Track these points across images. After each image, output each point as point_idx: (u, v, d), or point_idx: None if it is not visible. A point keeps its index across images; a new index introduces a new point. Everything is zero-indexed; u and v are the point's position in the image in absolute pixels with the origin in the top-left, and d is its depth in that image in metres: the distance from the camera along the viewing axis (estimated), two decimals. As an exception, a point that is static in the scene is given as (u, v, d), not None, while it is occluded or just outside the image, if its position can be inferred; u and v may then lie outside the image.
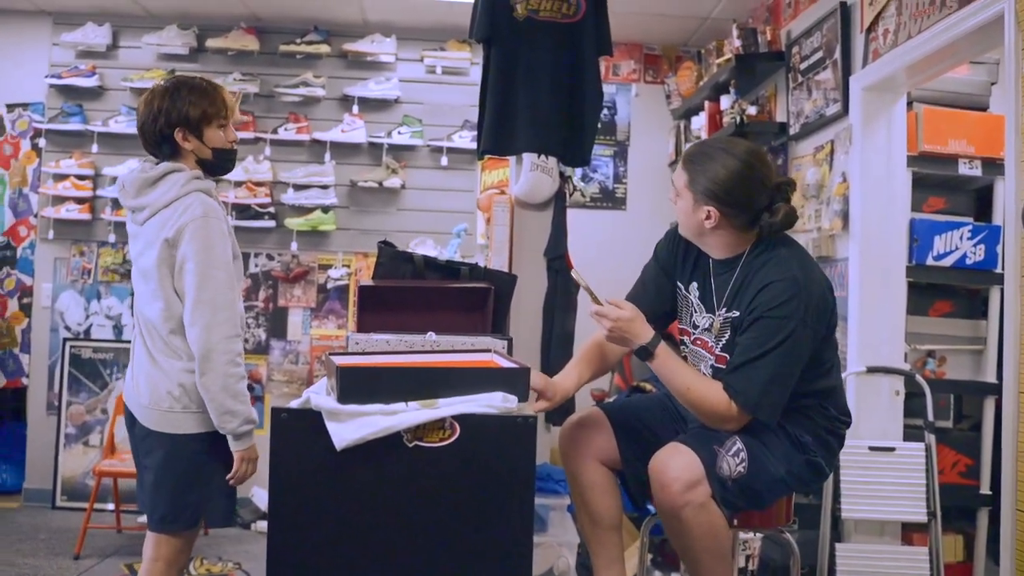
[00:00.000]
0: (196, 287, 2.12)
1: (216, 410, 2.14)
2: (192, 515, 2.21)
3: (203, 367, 2.12)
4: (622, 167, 5.03)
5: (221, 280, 2.15)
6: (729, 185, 2.03)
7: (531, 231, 3.21)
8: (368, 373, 1.79)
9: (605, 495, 2.30)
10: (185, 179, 2.20)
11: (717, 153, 2.09)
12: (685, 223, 2.16)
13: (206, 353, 2.11)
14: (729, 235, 2.10)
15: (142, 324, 2.25)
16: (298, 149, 4.84)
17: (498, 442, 1.72)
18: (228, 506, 2.29)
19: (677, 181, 2.14)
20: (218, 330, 2.12)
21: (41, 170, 4.81)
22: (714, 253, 2.16)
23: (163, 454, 2.19)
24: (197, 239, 2.13)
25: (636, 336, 2.07)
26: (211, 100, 2.26)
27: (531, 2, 3.12)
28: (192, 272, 2.12)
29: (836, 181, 3.46)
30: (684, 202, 2.11)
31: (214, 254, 2.15)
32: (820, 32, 3.59)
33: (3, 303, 4.85)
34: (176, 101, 2.22)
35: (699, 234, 2.14)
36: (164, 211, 2.17)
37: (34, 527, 4.31)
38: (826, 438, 2.14)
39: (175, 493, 2.19)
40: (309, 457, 1.70)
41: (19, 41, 4.88)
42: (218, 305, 2.13)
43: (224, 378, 2.13)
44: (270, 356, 4.85)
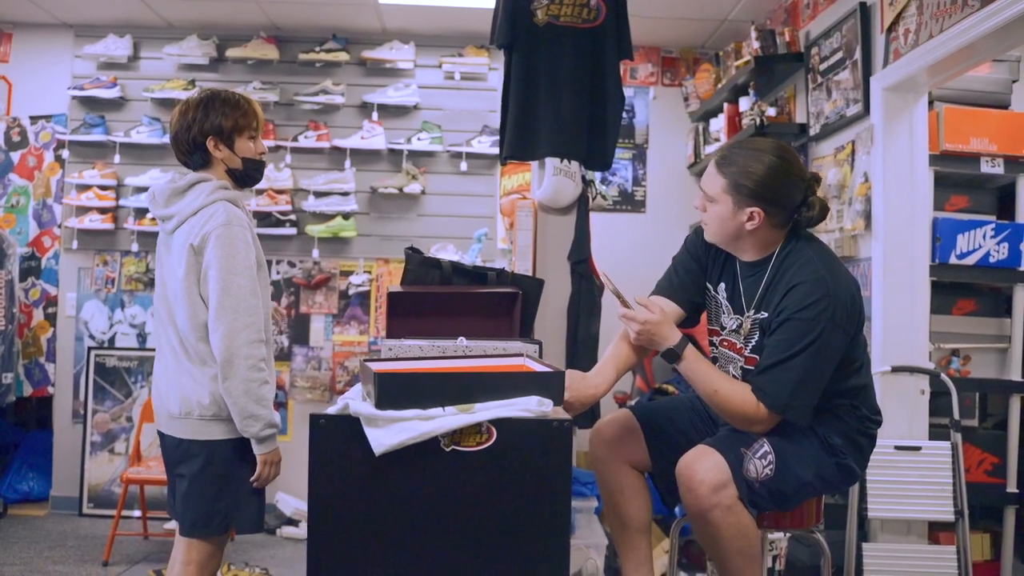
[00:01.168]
0: (219, 293, 2.16)
1: (239, 414, 2.17)
2: (223, 520, 2.25)
3: (225, 372, 2.15)
4: (641, 170, 5.03)
5: (243, 286, 2.18)
6: (772, 183, 2.03)
7: (555, 235, 3.22)
8: (405, 379, 1.80)
9: (635, 498, 2.31)
10: (212, 188, 2.25)
11: (751, 152, 2.08)
12: (720, 229, 2.12)
13: (228, 358, 2.15)
14: (766, 234, 2.10)
15: (170, 333, 2.28)
16: (318, 156, 4.87)
17: (534, 446, 1.73)
18: (258, 512, 2.32)
19: (711, 187, 2.10)
20: (240, 335, 2.16)
21: (64, 181, 4.85)
22: (746, 255, 2.15)
23: (197, 461, 2.23)
24: (220, 246, 2.17)
25: (664, 339, 2.09)
26: (243, 112, 2.32)
27: (551, 8, 3.14)
28: (215, 279, 2.16)
29: (858, 181, 3.46)
30: (721, 207, 2.08)
31: (236, 261, 2.18)
32: (839, 33, 3.59)
33: (29, 313, 4.90)
34: (210, 112, 2.27)
35: (736, 238, 2.12)
36: (191, 219, 2.22)
37: (62, 534, 4.35)
38: (857, 439, 2.14)
39: (207, 499, 2.22)
40: (348, 462, 1.72)
41: (42, 54, 4.94)
42: (240, 311, 2.17)
43: (246, 383, 2.16)
44: (293, 362, 4.88)
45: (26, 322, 4.88)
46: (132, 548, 4.11)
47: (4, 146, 4.93)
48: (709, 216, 2.13)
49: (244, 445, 2.23)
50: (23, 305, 4.85)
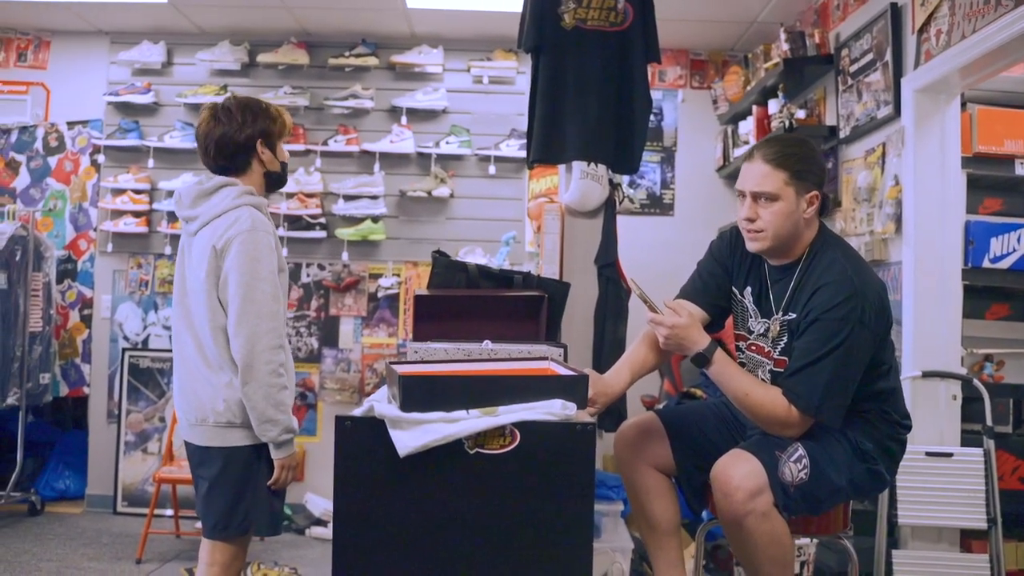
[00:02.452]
0: (241, 298, 2.18)
1: (257, 418, 2.20)
2: (242, 523, 2.27)
3: (246, 376, 2.18)
4: (669, 173, 5.02)
5: (266, 292, 2.21)
6: (819, 163, 2.16)
7: (582, 239, 3.23)
8: (430, 382, 1.81)
9: (663, 500, 2.31)
10: (238, 192, 2.28)
11: (790, 144, 2.15)
12: (782, 226, 2.07)
13: (249, 363, 2.17)
14: (813, 223, 2.14)
15: (187, 337, 2.30)
16: (348, 160, 4.92)
17: (558, 449, 1.73)
18: (276, 515, 2.35)
19: (771, 184, 2.06)
20: (262, 340, 2.18)
21: (100, 185, 4.95)
22: (790, 254, 2.13)
23: (216, 466, 2.26)
24: (244, 251, 2.20)
25: (693, 343, 2.08)
26: (283, 118, 2.39)
27: (579, 11, 3.15)
28: (237, 283, 2.19)
29: (888, 184, 3.42)
30: (784, 203, 2.06)
31: (260, 266, 2.21)
32: (870, 34, 3.56)
33: (65, 315, 5.00)
34: (257, 117, 2.32)
35: (793, 232, 2.09)
36: (215, 221, 2.25)
37: (97, 532, 4.43)
38: (888, 444, 2.13)
39: (227, 502, 2.26)
40: (373, 464, 1.73)
41: (79, 61, 5.04)
42: (262, 316, 2.19)
43: (266, 388, 2.19)
44: (322, 364, 4.93)
45: (62, 323, 4.98)
46: (164, 546, 4.18)
47: (42, 151, 5.04)
48: (769, 217, 2.07)
49: (261, 449, 2.26)
50: (60, 307, 4.95)
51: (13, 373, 4.44)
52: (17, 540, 4.19)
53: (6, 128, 5.03)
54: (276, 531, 2.37)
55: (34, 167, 5.03)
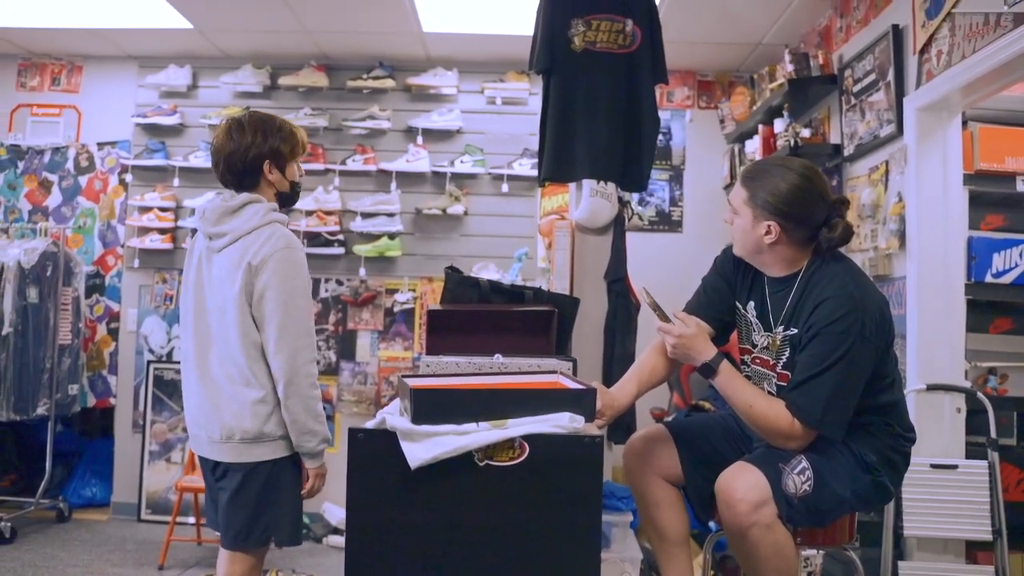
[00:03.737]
0: (282, 314, 2.20)
1: (298, 430, 2.24)
2: (263, 534, 2.29)
3: (288, 391, 2.21)
4: (678, 190, 5.11)
5: (303, 308, 2.26)
6: (791, 198, 2.08)
7: (591, 255, 3.30)
8: (440, 395, 1.85)
9: (672, 511, 2.35)
10: (265, 210, 2.30)
11: (776, 169, 2.14)
12: (743, 241, 2.18)
13: (291, 378, 2.21)
14: (787, 251, 2.14)
15: (213, 355, 2.28)
16: (365, 179, 5.04)
17: (566, 461, 1.75)
18: (295, 526, 2.36)
19: (735, 199, 2.17)
20: (301, 355, 2.23)
21: (127, 203, 5.11)
22: (770, 271, 2.19)
23: (237, 479, 2.27)
24: (281, 269, 2.21)
25: (699, 353, 2.12)
26: (295, 138, 2.40)
27: (588, 34, 3.23)
28: (275, 300, 2.20)
29: (892, 201, 3.49)
30: (743, 220, 2.15)
31: (297, 283, 2.25)
32: (872, 55, 3.64)
33: (93, 328, 5.15)
34: (268, 136, 2.33)
35: (757, 251, 2.16)
36: (246, 238, 2.25)
37: (121, 538, 4.55)
38: (891, 456, 2.14)
39: (248, 514, 2.27)
40: (384, 475, 1.75)
41: (109, 85, 5.22)
42: (301, 332, 2.24)
43: (307, 400, 2.24)
44: (340, 377, 5.04)
45: (90, 336, 5.13)
46: (186, 553, 4.28)
47: (73, 171, 5.21)
48: (734, 228, 2.19)
49: (282, 464, 2.29)
50: (88, 320, 5.10)
51: (43, 384, 4.58)
52: (46, 545, 4.32)
53: (40, 149, 5.21)
54: (297, 541, 2.37)
55: (65, 186, 5.21)
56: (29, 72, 5.28)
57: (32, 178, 5.22)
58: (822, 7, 4.14)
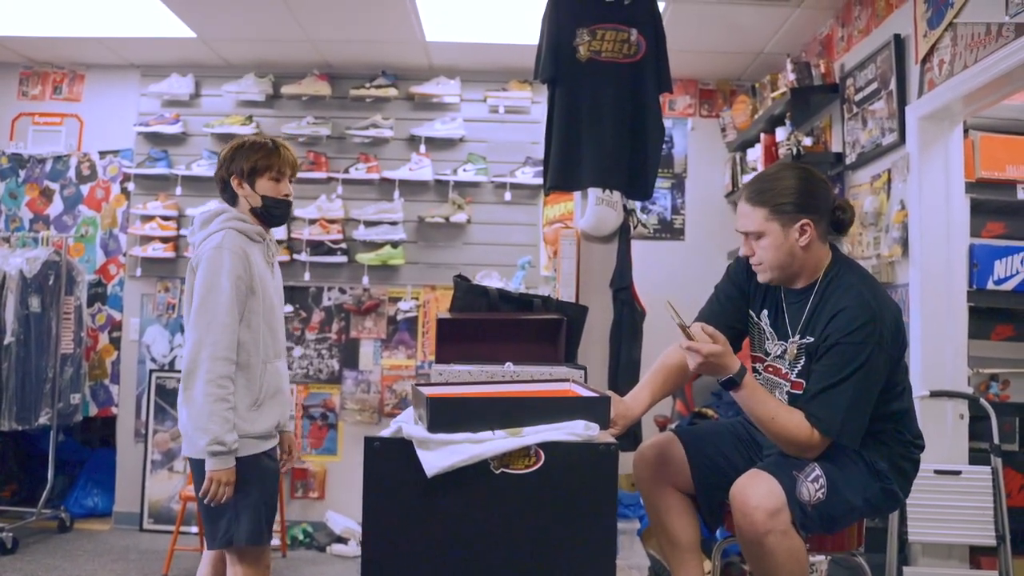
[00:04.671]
0: (196, 307, 2.30)
1: (192, 425, 2.26)
2: (224, 535, 2.33)
3: (186, 382, 2.26)
4: (680, 199, 5.13)
5: (219, 303, 2.28)
6: (807, 190, 2.12)
7: (597, 263, 3.32)
8: (456, 403, 1.85)
9: (684, 518, 2.35)
10: (226, 217, 2.41)
11: (776, 176, 2.17)
12: (775, 259, 2.15)
13: (191, 369, 2.26)
14: (817, 249, 2.14)
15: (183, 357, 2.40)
16: (368, 187, 5.05)
17: (581, 469, 1.76)
18: (255, 525, 2.35)
19: (751, 222, 2.15)
20: (205, 349, 2.25)
21: (130, 212, 5.10)
22: (799, 281, 2.18)
23: (197, 479, 2.36)
24: (207, 267, 2.31)
25: (726, 368, 2.08)
26: (267, 154, 2.47)
27: (593, 44, 3.26)
28: (196, 295, 2.31)
29: (894, 209, 3.52)
30: (770, 237, 2.13)
31: (218, 279, 2.30)
32: (874, 64, 3.67)
33: (95, 337, 5.14)
34: (236, 155, 2.46)
35: (790, 263, 2.15)
36: (200, 246, 2.40)
37: (124, 548, 4.54)
38: (900, 464, 2.16)
39: (209, 515, 2.34)
40: (400, 484, 1.75)
41: (111, 93, 5.23)
42: (212, 326, 2.27)
43: (204, 396, 2.24)
44: (343, 385, 5.04)
45: (92, 345, 5.12)
46: (189, 562, 4.26)
47: (75, 179, 5.21)
48: (761, 252, 2.16)
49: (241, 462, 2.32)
50: (90, 330, 5.09)
51: (45, 393, 4.56)
52: (47, 556, 4.30)
53: (41, 158, 5.21)
54: (258, 540, 2.37)
55: (67, 195, 5.21)
56: (31, 81, 5.28)
57: (33, 187, 5.21)
58: (823, 17, 4.17)
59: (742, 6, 4.06)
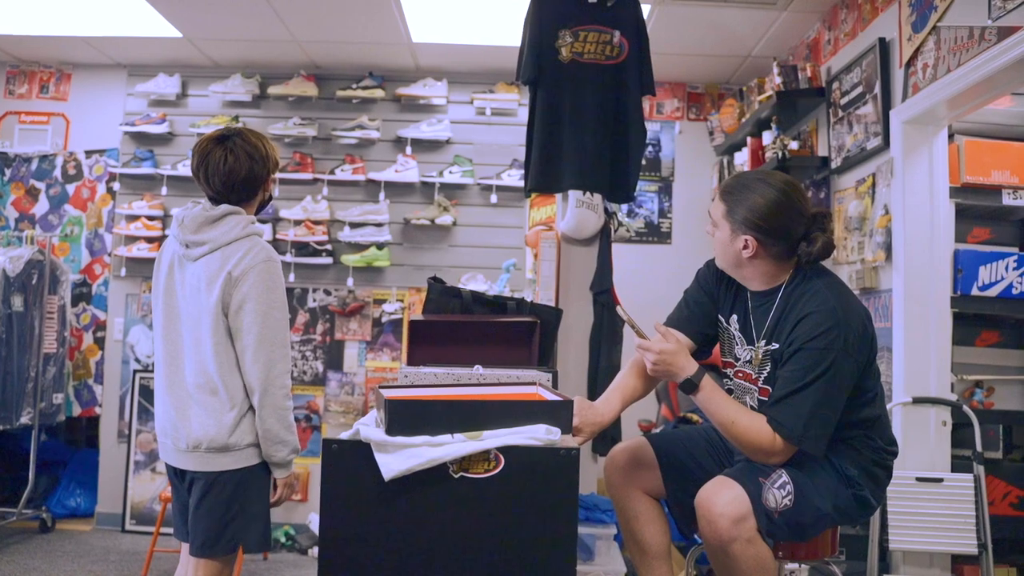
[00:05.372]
0: (260, 326, 2.22)
1: (270, 440, 2.25)
2: (229, 542, 2.28)
3: (262, 401, 2.22)
4: (667, 202, 5.11)
5: (280, 320, 2.27)
6: (767, 213, 2.07)
7: (577, 266, 3.30)
8: (415, 406, 1.83)
9: (652, 524, 2.33)
10: (246, 221, 2.31)
11: (755, 183, 2.13)
12: (722, 254, 2.19)
13: (266, 387, 2.22)
14: (766, 265, 2.13)
15: (184, 363, 2.28)
16: (354, 189, 5.03)
17: (542, 473, 1.75)
18: (263, 533, 2.35)
19: (715, 212, 2.18)
20: (277, 367, 2.24)
21: (115, 211, 5.09)
22: (751, 284, 2.19)
23: (204, 490, 2.26)
24: (261, 281, 2.23)
25: (680, 369, 2.09)
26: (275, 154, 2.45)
27: (575, 45, 3.23)
28: (255, 311, 2.22)
29: (878, 213, 3.49)
30: (722, 233, 2.15)
31: (275, 295, 2.26)
32: (860, 68, 3.65)
33: (79, 337, 5.12)
34: (267, 156, 2.38)
35: (736, 265, 2.17)
36: (226, 249, 2.26)
37: (105, 549, 4.51)
38: (873, 470, 2.13)
39: (215, 521, 2.26)
40: (359, 487, 1.74)
41: (98, 93, 5.21)
42: (277, 343, 2.24)
43: (280, 410, 2.24)
44: (327, 387, 5.02)
45: (77, 345, 5.10)
46: (169, 564, 4.23)
47: (61, 179, 5.20)
48: (715, 241, 2.20)
49: (248, 473, 2.28)
50: (74, 329, 5.07)
51: (27, 393, 4.54)
52: (27, 557, 4.27)
53: (27, 157, 5.20)
54: (265, 547, 2.38)
55: (53, 194, 5.19)
56: (17, 79, 5.26)
57: (19, 186, 5.20)
58: (810, 20, 4.15)
59: (729, 8, 4.04)
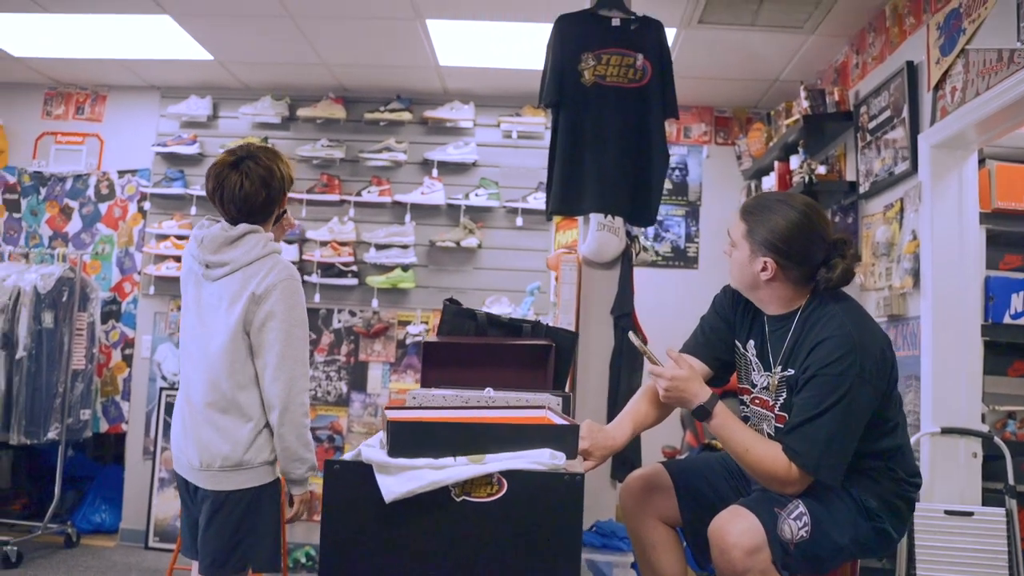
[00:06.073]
0: (282, 343, 2.22)
1: (289, 457, 2.25)
2: (239, 560, 2.27)
3: (282, 418, 2.22)
4: (694, 227, 5.06)
5: (302, 339, 2.27)
6: (788, 236, 2.04)
7: (598, 290, 3.28)
8: (418, 428, 1.82)
9: (668, 553, 2.28)
10: (265, 240, 2.32)
11: (776, 204, 2.10)
12: (739, 275, 2.15)
13: (286, 405, 2.22)
14: (783, 289, 2.09)
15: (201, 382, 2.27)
16: (380, 211, 5.06)
17: (545, 499, 1.71)
18: (274, 552, 2.34)
19: (734, 232, 2.15)
20: (297, 384, 2.24)
21: (145, 231, 5.17)
22: (767, 308, 2.14)
23: (215, 508, 2.25)
24: (285, 299, 2.24)
25: (693, 395, 2.05)
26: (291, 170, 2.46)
27: (598, 68, 3.24)
28: (278, 329, 2.22)
29: (906, 239, 3.42)
30: (740, 253, 2.11)
31: (297, 313, 2.27)
32: (887, 91, 3.59)
33: (108, 354, 5.19)
34: (283, 168, 2.38)
35: (753, 287, 2.13)
36: (247, 268, 2.26)
37: (127, 566, 4.53)
38: (894, 502, 2.06)
39: (226, 540, 2.25)
40: (360, 508, 1.73)
41: (131, 114, 5.32)
42: (298, 361, 2.25)
43: (299, 428, 2.24)
44: (350, 408, 5.02)
45: (105, 362, 5.17)
46: (190, 584, 4.26)
47: (94, 198, 5.30)
48: (732, 261, 2.17)
49: (260, 491, 2.27)
50: (103, 346, 5.14)
51: (55, 408, 4.60)
52: (51, 571, 4.31)
53: (62, 176, 5.31)
54: (276, 567, 2.36)
55: (85, 213, 5.30)
56: (54, 101, 5.40)
57: (53, 204, 5.32)
58: (838, 43, 4.11)
59: (756, 32, 4.01)
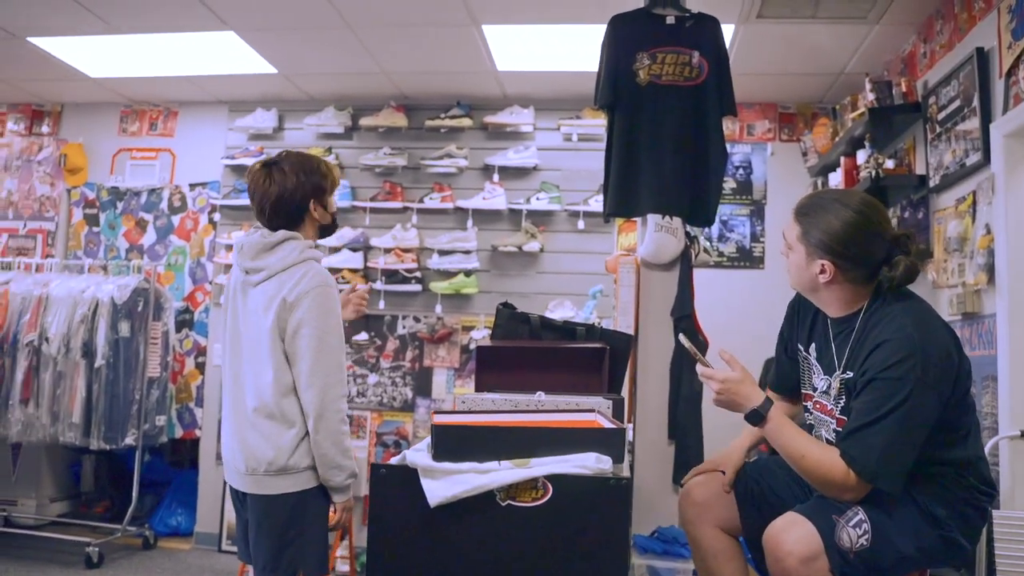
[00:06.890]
0: (315, 350, 2.23)
1: (326, 465, 2.25)
2: (289, 566, 2.28)
3: (317, 426, 2.23)
4: (759, 226, 4.95)
5: (336, 346, 2.28)
6: (844, 237, 1.96)
7: (657, 292, 3.22)
8: (463, 431, 1.82)
9: (728, 562, 2.23)
10: (303, 246, 2.34)
11: (831, 204, 2.02)
12: (798, 277, 2.08)
13: (321, 412, 2.23)
14: (844, 290, 2.02)
15: (243, 387, 2.31)
16: (442, 217, 5.09)
17: (591, 503, 1.69)
18: (322, 558, 2.35)
19: (788, 234, 2.08)
20: (332, 391, 2.24)
21: (216, 241, 5.33)
22: (829, 310, 2.08)
23: (262, 513, 2.28)
24: (316, 306, 2.25)
25: (746, 399, 1.98)
26: (330, 172, 2.46)
27: (653, 67, 3.19)
28: (310, 336, 2.23)
29: (979, 233, 3.27)
30: (796, 256, 2.05)
31: (331, 321, 2.28)
32: (957, 80, 3.44)
33: (181, 362, 5.36)
34: (310, 174, 2.37)
35: (812, 289, 2.07)
36: (282, 274, 2.29)
37: (201, 568, 4.66)
38: (964, 510, 1.96)
39: (273, 546, 2.27)
40: (405, 513, 1.73)
41: (201, 128, 5.50)
42: (332, 368, 2.25)
43: (336, 435, 2.25)
44: (416, 413, 5.06)
45: (179, 370, 5.33)
46: (261, 586, 4.35)
47: (167, 210, 5.49)
48: (789, 263, 2.10)
49: (306, 496, 2.28)
50: (177, 354, 5.31)
51: (132, 415, 4.76)
52: (129, 572, 4.47)
53: (137, 190, 5.53)
54: (324, 570, 2.36)
55: (159, 225, 5.49)
56: (130, 118, 5.62)
57: (129, 218, 5.52)
58: (905, 33, 3.96)
59: (817, 24, 3.90)
